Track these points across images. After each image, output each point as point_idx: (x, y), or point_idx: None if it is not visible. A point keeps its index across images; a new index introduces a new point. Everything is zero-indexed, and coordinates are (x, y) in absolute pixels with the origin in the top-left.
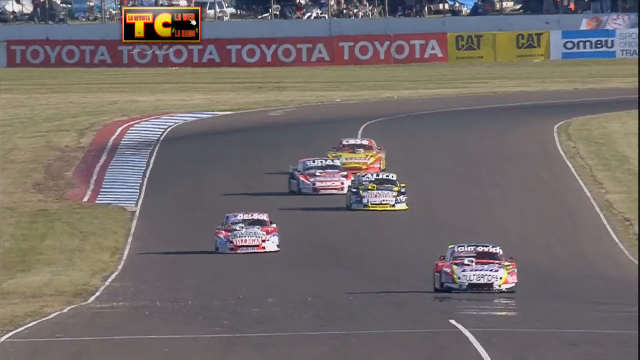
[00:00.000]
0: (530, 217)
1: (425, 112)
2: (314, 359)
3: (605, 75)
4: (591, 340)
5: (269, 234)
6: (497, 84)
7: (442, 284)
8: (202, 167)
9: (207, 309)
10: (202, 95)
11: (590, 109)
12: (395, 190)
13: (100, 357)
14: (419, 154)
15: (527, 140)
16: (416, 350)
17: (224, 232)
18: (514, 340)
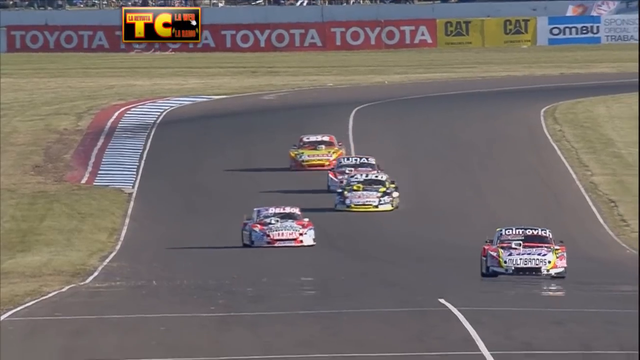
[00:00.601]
0: (518, 199)
1: (414, 96)
2: (307, 337)
3: (590, 60)
4: (576, 319)
5: (305, 227)
6: (484, 69)
7: (488, 268)
8: (197, 149)
9: (202, 288)
10: (197, 79)
11: (576, 93)
12: (382, 190)
13: (98, 335)
14: (408, 138)
15: (514, 124)
16: (406, 328)
17: (258, 225)
18: (502, 319)
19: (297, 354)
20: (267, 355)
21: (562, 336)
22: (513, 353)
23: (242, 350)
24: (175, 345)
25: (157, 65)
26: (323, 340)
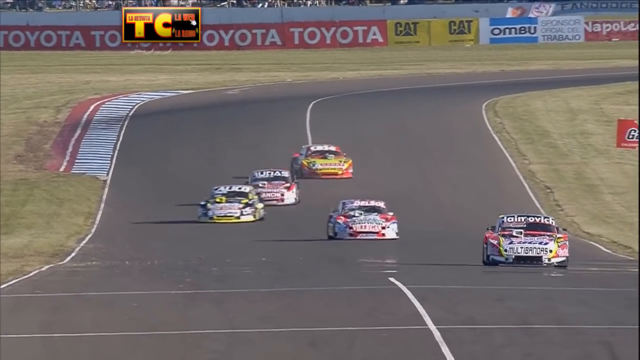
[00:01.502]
0: (462, 186)
1: (367, 91)
2: (267, 312)
3: (528, 58)
4: (516, 295)
5: (388, 220)
6: (431, 66)
7: (488, 257)
8: (166, 140)
9: (171, 268)
10: (166, 75)
11: (515, 88)
12: (244, 202)
13: (75, 311)
14: (361, 129)
15: (458, 117)
16: (359, 305)
17: (342, 217)
18: (447, 296)
19: (258, 329)
20: (231, 330)
21: (503, 312)
22: (457, 327)
23: (208, 324)
24: (146, 320)
25: (129, 63)
26: (282, 316)
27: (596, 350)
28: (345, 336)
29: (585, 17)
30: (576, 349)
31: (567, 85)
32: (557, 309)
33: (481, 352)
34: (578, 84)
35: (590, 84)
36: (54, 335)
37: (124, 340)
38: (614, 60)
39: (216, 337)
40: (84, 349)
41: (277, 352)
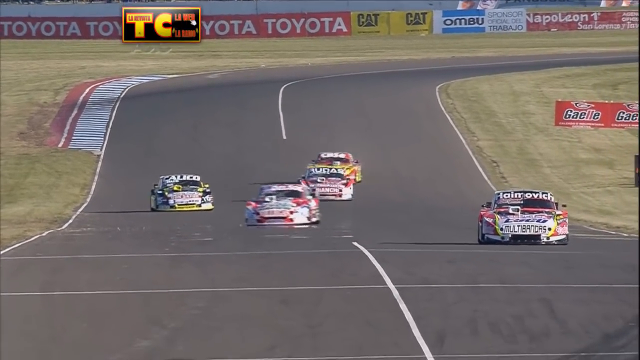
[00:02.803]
0: (418, 161)
1: (333, 75)
2: (244, 273)
3: (476, 46)
4: (466, 258)
5: (299, 205)
6: (390, 53)
7: (484, 236)
8: (154, 119)
9: (158, 233)
10: (154, 61)
11: (465, 73)
12: (200, 190)
13: (72, 272)
14: (328, 109)
15: (414, 98)
16: (325, 266)
17: (252, 203)
18: (404, 258)
19: (235, 288)
20: (211, 289)
21: (454, 272)
22: (413, 286)
23: (191, 284)
24: (135, 280)
25: (121, 50)
26: (257, 276)
27: (536, 306)
28: (313, 294)
29: (527, 9)
30: (518, 306)
31: (511, 70)
32: (501, 270)
33: (434, 309)
34: (521, 69)
35: (531, 69)
36: (53, 293)
37: (116, 298)
38: (553, 48)
39: (198, 295)
40: (80, 306)
41: (252, 308)
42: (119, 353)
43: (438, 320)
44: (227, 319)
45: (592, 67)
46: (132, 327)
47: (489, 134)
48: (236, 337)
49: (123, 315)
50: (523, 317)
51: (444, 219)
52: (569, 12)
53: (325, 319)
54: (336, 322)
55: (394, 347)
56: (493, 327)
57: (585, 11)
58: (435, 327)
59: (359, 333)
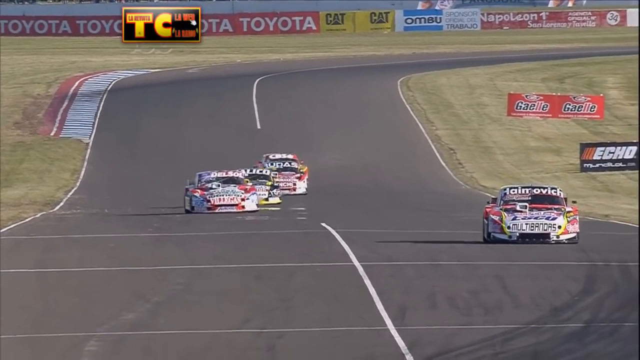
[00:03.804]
0: (381, 149)
1: (303, 69)
2: (222, 251)
3: (435, 43)
4: (426, 238)
5: (248, 192)
6: (355, 49)
7: (489, 234)
8: (138, 110)
9: (142, 215)
10: (138, 57)
11: (424, 67)
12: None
13: (63, 251)
14: (298, 101)
15: (377, 91)
16: (296, 245)
17: (199, 190)
18: (369, 238)
19: (214, 265)
20: (191, 266)
21: (415, 251)
22: (377, 264)
23: (172, 261)
24: (121, 258)
25: (108, 46)
26: (233, 254)
27: (490, 282)
28: (285, 271)
29: (481, 9)
30: (474, 282)
31: (466, 65)
32: (459, 248)
33: (397, 284)
34: (475, 64)
35: (485, 64)
36: (46, 270)
37: (104, 274)
38: (505, 45)
39: (179, 272)
40: (71, 282)
41: (229, 284)
42: (106, 324)
43: (400, 295)
44: (206, 294)
45: (541, 63)
46: (119, 301)
47: (446, 124)
48: (214, 310)
49: (110, 290)
50: (478, 292)
51: (405, 201)
52: (519, 12)
53: (296, 293)
54: (306, 297)
55: (359, 319)
56: (450, 301)
57: (535, 11)
58: (397, 301)
59: (327, 307)
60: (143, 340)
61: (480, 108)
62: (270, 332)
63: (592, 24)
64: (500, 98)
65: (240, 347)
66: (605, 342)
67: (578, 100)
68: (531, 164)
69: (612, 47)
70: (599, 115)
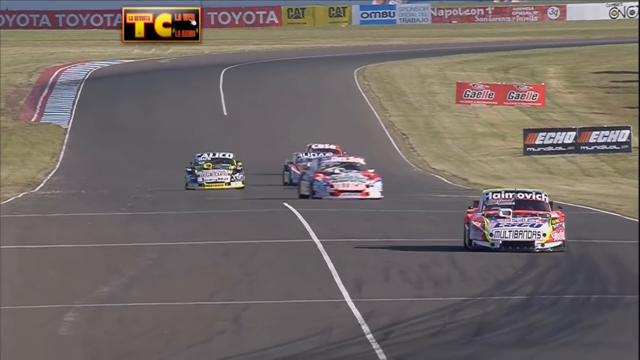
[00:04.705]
0: (338, 134)
1: (266, 60)
2: (191, 229)
3: (388, 36)
4: (380, 216)
5: (371, 179)
6: (315, 42)
7: (471, 241)
8: (113, 98)
9: (117, 195)
10: (113, 48)
11: (379, 58)
12: (231, 168)
13: (44, 228)
14: (262, 90)
15: (335, 80)
16: (260, 224)
17: (321, 174)
18: (327, 216)
19: (184, 242)
20: (162, 243)
21: (370, 229)
22: (335, 241)
23: (145, 238)
24: (98, 235)
25: (85, 39)
26: (202, 232)
27: (439, 257)
28: (250, 247)
29: (431, 4)
30: (425, 256)
31: (418, 57)
32: (410, 226)
33: (353, 260)
34: (426, 55)
35: (435, 55)
36: (28, 246)
37: (81, 250)
38: (454, 38)
39: (151, 248)
40: (51, 257)
41: (198, 259)
42: (83, 297)
43: (356, 270)
44: (176, 269)
45: (487, 54)
46: (95, 275)
47: (399, 111)
48: (183, 284)
49: (87, 265)
50: (428, 266)
51: None
52: (467, 7)
53: (260, 268)
54: (269, 271)
55: (319, 292)
56: (403, 275)
57: (481, 6)
58: (353, 276)
59: (288, 280)
60: (118, 312)
61: (431, 96)
62: (235, 304)
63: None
64: (449, 87)
65: (208, 318)
66: (546, 313)
67: (521, 89)
68: (478, 148)
69: (553, 39)
70: (540, 103)
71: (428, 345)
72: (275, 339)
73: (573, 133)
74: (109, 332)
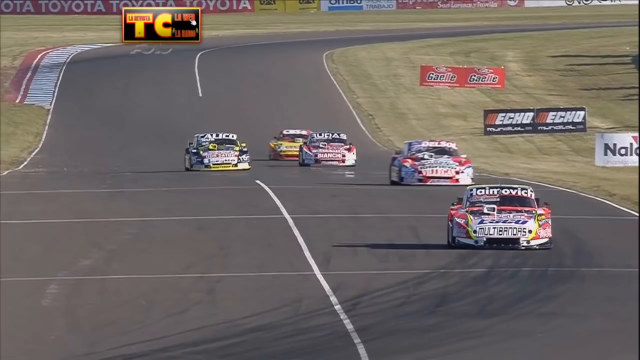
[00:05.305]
0: (309, 114)
1: (239, 45)
2: (168, 205)
3: (355, 21)
4: (347, 193)
5: (462, 165)
6: (286, 27)
7: (454, 239)
8: (94, 80)
9: (97, 173)
10: (94, 33)
11: (347, 43)
12: (237, 149)
13: (28, 204)
14: (235, 72)
15: (305, 63)
16: (235, 200)
17: (409, 160)
18: (297, 193)
19: (160, 217)
20: (141, 218)
21: (338, 204)
22: (304, 216)
23: (124, 214)
24: (79, 210)
25: (66, 24)
26: (179, 208)
27: (404, 232)
28: (223, 222)
29: None
30: (390, 231)
31: (384, 41)
32: (377, 202)
33: (321, 234)
34: (392, 40)
35: (400, 40)
36: (12, 221)
37: (63, 225)
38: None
39: (130, 223)
40: (35, 231)
41: (174, 233)
42: (66, 270)
43: (325, 244)
44: (153, 243)
45: (449, 39)
46: (76, 249)
47: (366, 93)
48: (161, 257)
49: (69, 239)
50: (394, 240)
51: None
52: None
53: (233, 242)
54: (242, 245)
55: (289, 265)
56: (370, 249)
57: None
58: (322, 249)
59: (260, 254)
60: (98, 284)
61: (396, 79)
62: (210, 277)
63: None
64: (414, 70)
65: (184, 290)
66: (505, 285)
67: (482, 72)
68: (441, 127)
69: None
70: (500, 85)
71: (393, 316)
72: (248, 309)
73: (531, 114)
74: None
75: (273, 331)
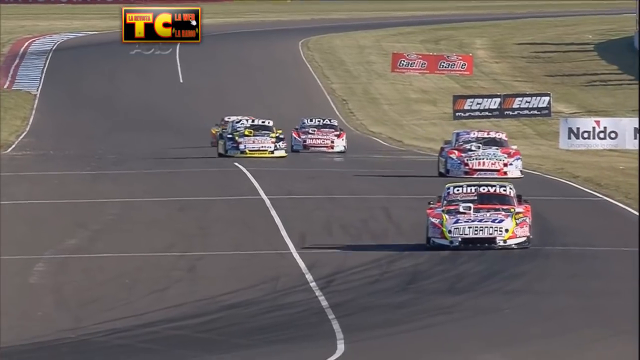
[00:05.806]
0: (286, 100)
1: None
2: (151, 187)
3: (331, 10)
4: (323, 175)
5: (511, 156)
6: (263, 16)
7: (429, 239)
8: (79, 67)
9: (82, 156)
10: (80, 21)
11: (322, 31)
12: (273, 136)
13: (16, 186)
14: (215, 60)
15: (282, 51)
16: (215, 182)
17: (456, 151)
18: (274, 175)
19: (143, 198)
20: (124, 199)
21: (314, 186)
22: (281, 197)
23: (108, 195)
24: (64, 192)
25: (53, 12)
26: (161, 189)
27: (377, 212)
28: (204, 203)
29: None
30: (364, 212)
31: (357, 29)
32: (351, 184)
33: (298, 215)
34: (365, 28)
35: (373, 28)
36: (2, 202)
37: (50, 206)
38: (390, 12)
39: (114, 204)
40: (23, 212)
41: (156, 214)
42: (52, 249)
43: (301, 224)
44: (137, 223)
45: (420, 27)
46: (62, 229)
47: (340, 79)
48: (143, 236)
49: (55, 219)
50: (367, 221)
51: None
52: None
53: (213, 222)
54: (222, 225)
55: (267, 244)
56: (344, 229)
57: None
58: (298, 229)
59: (239, 234)
60: (83, 262)
61: (369, 65)
62: (191, 255)
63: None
64: (386, 57)
65: (166, 268)
66: (473, 263)
67: (451, 59)
68: (412, 112)
69: (480, 14)
70: (468, 72)
71: (366, 293)
72: (227, 286)
73: (498, 99)
74: (76, 280)
75: (251, 307)
